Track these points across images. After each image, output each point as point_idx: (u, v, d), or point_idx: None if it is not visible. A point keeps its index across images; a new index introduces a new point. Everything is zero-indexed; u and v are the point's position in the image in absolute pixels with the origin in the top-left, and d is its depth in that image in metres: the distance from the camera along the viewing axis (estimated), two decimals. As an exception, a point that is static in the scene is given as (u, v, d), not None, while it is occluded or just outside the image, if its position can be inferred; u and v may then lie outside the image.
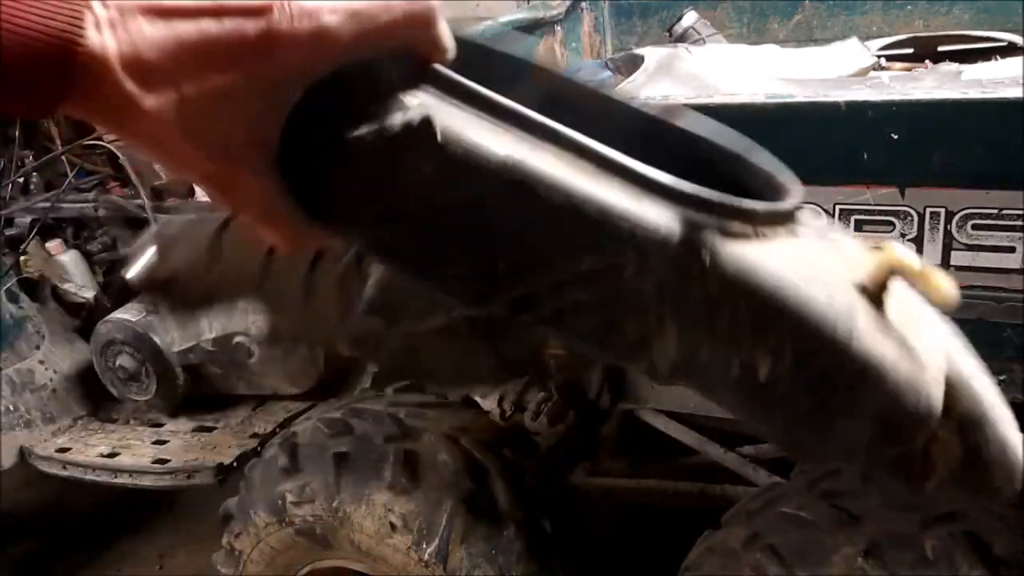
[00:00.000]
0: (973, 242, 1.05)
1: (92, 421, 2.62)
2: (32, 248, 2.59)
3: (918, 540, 1.22)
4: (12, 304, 2.53)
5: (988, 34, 1.69)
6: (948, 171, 1.03)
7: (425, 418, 1.81)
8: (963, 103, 1.02)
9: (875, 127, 1.04)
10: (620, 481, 2.13)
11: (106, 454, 2.38)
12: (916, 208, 1.07)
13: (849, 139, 1.06)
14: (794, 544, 1.32)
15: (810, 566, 1.28)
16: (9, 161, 2.69)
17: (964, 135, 1.01)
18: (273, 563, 1.85)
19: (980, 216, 1.04)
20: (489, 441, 1.76)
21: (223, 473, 2.23)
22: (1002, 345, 1.10)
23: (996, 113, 1.00)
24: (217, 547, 1.95)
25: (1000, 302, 1.06)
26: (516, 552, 1.59)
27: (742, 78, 1.35)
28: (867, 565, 1.22)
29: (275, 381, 2.37)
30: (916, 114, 1.03)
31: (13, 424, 2.46)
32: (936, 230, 1.07)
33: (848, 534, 1.27)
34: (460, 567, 1.59)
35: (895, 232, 1.08)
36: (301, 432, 1.81)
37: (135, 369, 2.41)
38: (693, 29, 1.96)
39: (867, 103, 1.04)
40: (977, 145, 1.01)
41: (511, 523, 1.61)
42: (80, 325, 2.75)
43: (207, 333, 2.33)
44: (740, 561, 1.36)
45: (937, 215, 1.06)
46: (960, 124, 1.02)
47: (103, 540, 3.03)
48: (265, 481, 1.79)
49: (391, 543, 1.64)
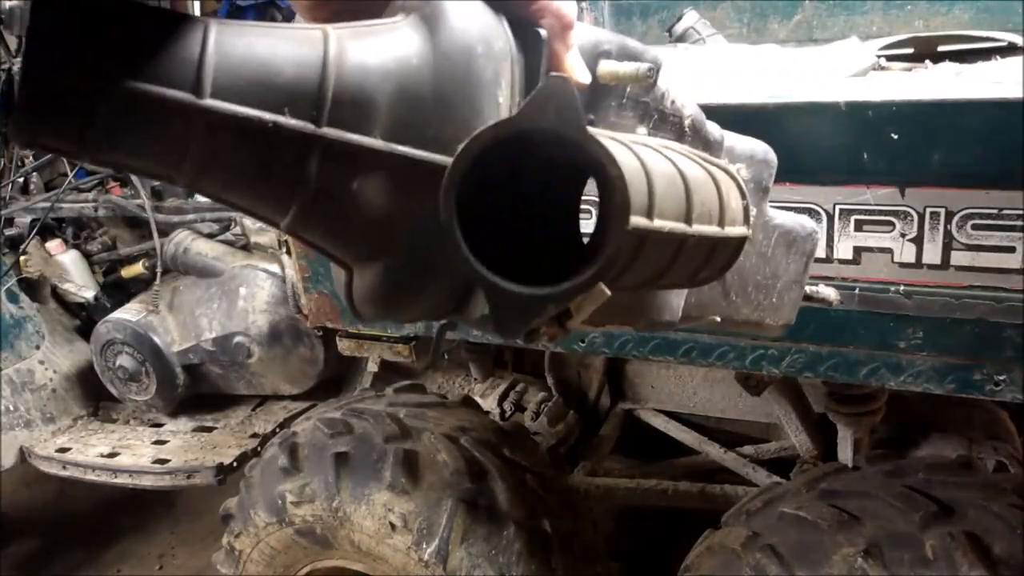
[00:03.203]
0: (973, 242, 1.05)
1: (92, 421, 2.62)
2: (32, 248, 2.59)
3: (918, 540, 1.22)
4: (12, 304, 2.53)
5: (988, 34, 1.69)
6: (948, 171, 1.03)
7: (425, 418, 1.81)
8: (963, 103, 1.02)
9: (875, 127, 1.04)
10: (620, 481, 2.13)
11: (106, 454, 2.38)
12: (916, 208, 1.07)
13: (849, 139, 1.06)
14: (794, 544, 1.32)
15: (810, 566, 1.28)
16: (9, 161, 2.69)
17: (964, 135, 1.01)
18: (273, 563, 1.85)
19: (980, 216, 1.04)
20: (489, 441, 1.76)
21: (223, 473, 2.24)
22: (1002, 345, 1.10)
23: (996, 113, 1.00)
24: (217, 547, 1.95)
25: (1000, 302, 1.06)
26: (516, 552, 1.59)
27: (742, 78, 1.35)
28: (867, 565, 1.22)
29: (275, 381, 2.37)
30: (916, 114, 1.03)
31: (13, 424, 2.46)
32: (936, 230, 1.07)
33: (848, 534, 1.27)
34: (460, 567, 1.59)
35: (895, 232, 1.08)
36: (301, 432, 1.81)
37: (135, 369, 2.41)
38: (693, 29, 1.96)
39: (867, 103, 1.04)
40: (977, 145, 1.01)
41: (511, 523, 1.61)
42: (80, 325, 2.75)
43: (207, 333, 2.33)
44: (740, 561, 1.36)
45: (937, 215, 1.06)
46: (960, 124, 1.01)
47: (103, 540, 3.03)
48: (265, 481, 1.79)
49: (391, 543, 1.64)
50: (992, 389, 1.14)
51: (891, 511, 1.28)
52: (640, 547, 2.30)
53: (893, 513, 1.27)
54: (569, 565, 1.65)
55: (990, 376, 1.14)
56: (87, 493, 3.02)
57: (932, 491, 1.30)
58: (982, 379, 1.15)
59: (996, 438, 1.79)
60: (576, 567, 1.67)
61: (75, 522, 3.12)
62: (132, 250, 2.61)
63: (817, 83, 1.21)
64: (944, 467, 1.40)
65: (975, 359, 1.14)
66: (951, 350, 1.14)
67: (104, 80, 0.41)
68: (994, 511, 1.24)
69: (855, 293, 1.15)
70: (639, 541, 2.48)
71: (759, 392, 1.72)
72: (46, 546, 3.03)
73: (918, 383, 1.19)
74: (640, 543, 2.44)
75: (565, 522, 1.71)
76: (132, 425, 2.57)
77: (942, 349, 1.14)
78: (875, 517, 1.28)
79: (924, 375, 1.18)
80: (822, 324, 1.20)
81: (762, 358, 1.27)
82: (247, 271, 2.29)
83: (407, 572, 1.66)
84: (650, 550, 2.09)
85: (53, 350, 2.60)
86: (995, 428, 1.81)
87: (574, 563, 1.67)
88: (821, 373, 1.24)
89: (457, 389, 2.41)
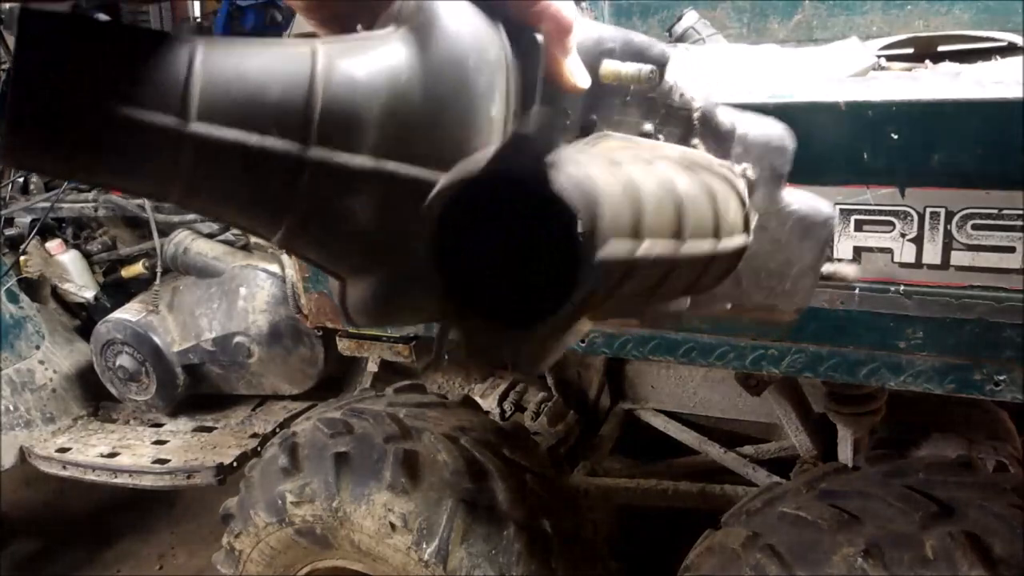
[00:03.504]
0: (973, 242, 1.05)
1: (92, 421, 2.62)
2: (32, 248, 2.59)
3: (918, 540, 1.22)
4: (12, 304, 2.53)
5: (988, 34, 1.69)
6: (948, 171, 1.03)
7: (425, 418, 1.81)
8: (963, 103, 1.02)
9: (875, 127, 1.04)
10: (620, 481, 2.13)
11: (106, 454, 2.38)
12: (916, 208, 1.07)
13: (849, 139, 1.06)
14: (794, 544, 1.32)
15: (810, 566, 1.28)
16: (9, 161, 2.68)
17: (964, 135, 1.01)
18: (273, 563, 1.85)
19: (980, 216, 1.04)
20: (489, 441, 1.76)
21: (223, 473, 2.24)
22: (1002, 345, 1.10)
23: (996, 113, 1.00)
24: (217, 547, 1.95)
25: (1000, 302, 1.06)
26: (516, 552, 1.59)
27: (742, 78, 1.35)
28: (867, 565, 1.22)
29: (275, 381, 2.37)
30: (916, 114, 1.03)
31: (13, 424, 2.46)
32: (936, 230, 1.06)
33: (848, 534, 1.27)
34: (460, 567, 1.59)
35: (895, 232, 1.08)
36: (301, 432, 1.81)
37: (135, 369, 2.41)
38: (693, 29, 1.95)
39: (867, 103, 1.04)
40: (977, 145, 1.01)
41: (511, 523, 1.61)
42: (80, 325, 2.75)
43: (207, 333, 2.33)
44: (740, 561, 1.36)
45: (937, 215, 1.06)
46: (960, 124, 1.01)
47: (103, 540, 3.03)
48: (265, 481, 1.79)
49: (391, 543, 1.64)
50: (992, 389, 1.14)
51: (891, 511, 1.27)
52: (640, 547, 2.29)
53: (893, 513, 1.27)
54: (569, 565, 1.65)
55: (990, 376, 1.14)
56: (87, 493, 3.02)
57: (932, 491, 1.29)
58: (982, 379, 1.15)
59: (996, 438, 1.79)
60: (576, 567, 1.67)
61: (75, 522, 3.12)
62: (132, 250, 2.61)
63: (817, 83, 1.20)
64: (944, 467, 1.40)
65: (975, 359, 1.14)
66: (951, 350, 1.14)
67: (90, 104, 0.41)
68: (994, 511, 1.24)
69: (855, 293, 1.15)
70: (639, 541, 2.48)
71: (759, 392, 1.72)
72: (46, 546, 3.03)
73: (918, 383, 1.18)
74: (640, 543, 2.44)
75: (565, 522, 1.71)
76: (132, 425, 2.57)
77: (942, 349, 1.14)
78: (875, 517, 1.28)
79: (924, 375, 1.18)
80: (822, 324, 1.20)
81: (762, 358, 1.27)
82: (247, 271, 2.29)
83: (407, 572, 1.66)
84: (650, 550, 2.09)
85: (53, 350, 2.60)
86: (995, 428, 1.81)
87: (574, 563, 1.67)
88: (821, 373, 1.24)
89: (457, 389, 2.41)
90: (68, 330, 2.71)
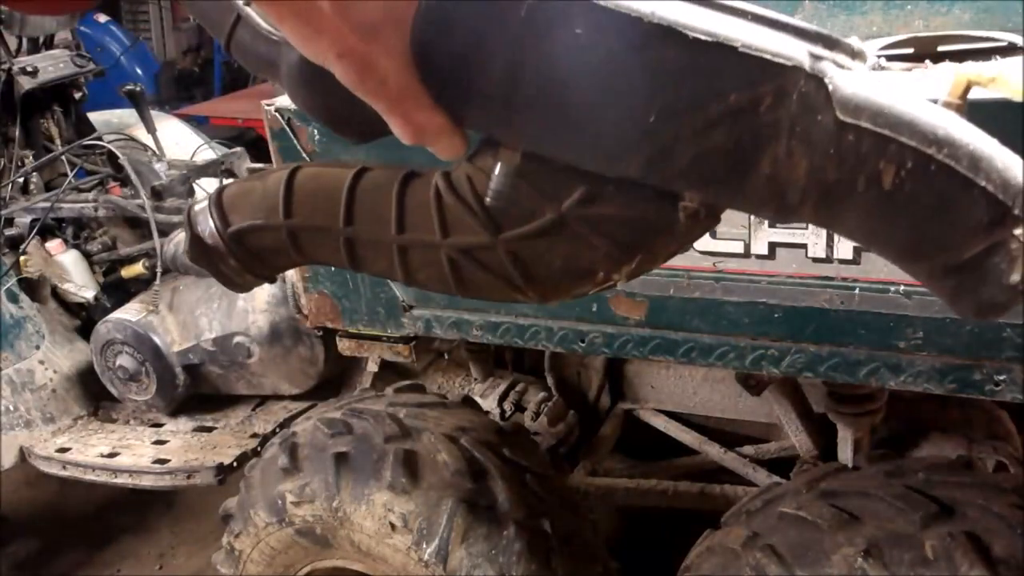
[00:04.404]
0: (973, 242, 1.05)
1: (92, 421, 2.62)
2: (32, 248, 2.59)
3: (918, 540, 1.22)
4: (12, 304, 2.53)
5: (988, 34, 1.69)
6: (948, 171, 1.03)
7: (425, 418, 1.81)
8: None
9: (875, 127, 1.04)
10: (620, 481, 2.13)
11: (106, 454, 2.38)
12: (916, 208, 1.06)
13: (849, 139, 1.06)
14: (794, 544, 1.32)
15: (810, 566, 1.28)
16: (9, 161, 2.69)
17: (964, 135, 1.01)
18: (273, 563, 1.85)
19: (980, 216, 1.03)
20: (489, 441, 1.76)
21: (223, 473, 2.24)
22: (1002, 345, 1.10)
23: (996, 113, 1.00)
24: (217, 547, 1.95)
25: (1000, 302, 1.06)
26: (516, 552, 1.59)
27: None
28: (867, 565, 1.22)
29: (275, 381, 2.37)
30: (916, 114, 1.02)
31: (13, 424, 2.46)
32: (936, 230, 1.06)
33: (848, 534, 1.27)
34: (460, 567, 1.59)
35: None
36: (301, 432, 1.81)
37: (135, 369, 2.41)
38: (693, 29, 1.95)
39: (867, 103, 1.04)
40: (977, 145, 1.01)
41: (511, 523, 1.61)
42: (80, 325, 2.75)
43: (207, 333, 2.33)
44: (740, 561, 1.36)
45: (937, 215, 1.06)
46: (960, 124, 1.01)
47: (103, 540, 3.03)
48: (265, 481, 1.79)
49: (391, 543, 1.64)
50: (992, 389, 1.14)
51: (891, 511, 1.27)
52: (640, 547, 2.30)
53: (893, 513, 1.27)
54: (569, 565, 1.65)
55: (990, 376, 1.14)
56: (87, 493, 3.03)
57: (932, 491, 1.29)
58: (982, 379, 1.15)
59: (996, 438, 1.79)
60: (576, 567, 1.67)
61: (75, 522, 3.12)
62: (132, 250, 2.61)
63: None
64: (944, 467, 1.40)
65: (975, 359, 1.14)
66: (951, 350, 1.14)
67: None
68: (994, 511, 1.24)
69: (855, 293, 1.15)
70: (639, 541, 2.48)
71: (759, 392, 1.72)
72: (46, 546, 3.03)
73: (918, 383, 1.19)
74: (640, 543, 2.44)
75: (565, 522, 1.71)
76: (132, 425, 2.57)
77: (942, 349, 1.14)
78: (875, 517, 1.28)
79: (924, 375, 1.18)
80: (822, 324, 1.20)
81: (762, 358, 1.27)
82: (247, 271, 2.29)
83: (407, 572, 1.66)
84: (650, 550, 2.09)
85: (53, 350, 2.60)
86: (995, 428, 1.81)
87: (574, 563, 1.67)
88: (821, 373, 1.24)
89: (457, 389, 2.41)
90: (68, 330, 2.71)
